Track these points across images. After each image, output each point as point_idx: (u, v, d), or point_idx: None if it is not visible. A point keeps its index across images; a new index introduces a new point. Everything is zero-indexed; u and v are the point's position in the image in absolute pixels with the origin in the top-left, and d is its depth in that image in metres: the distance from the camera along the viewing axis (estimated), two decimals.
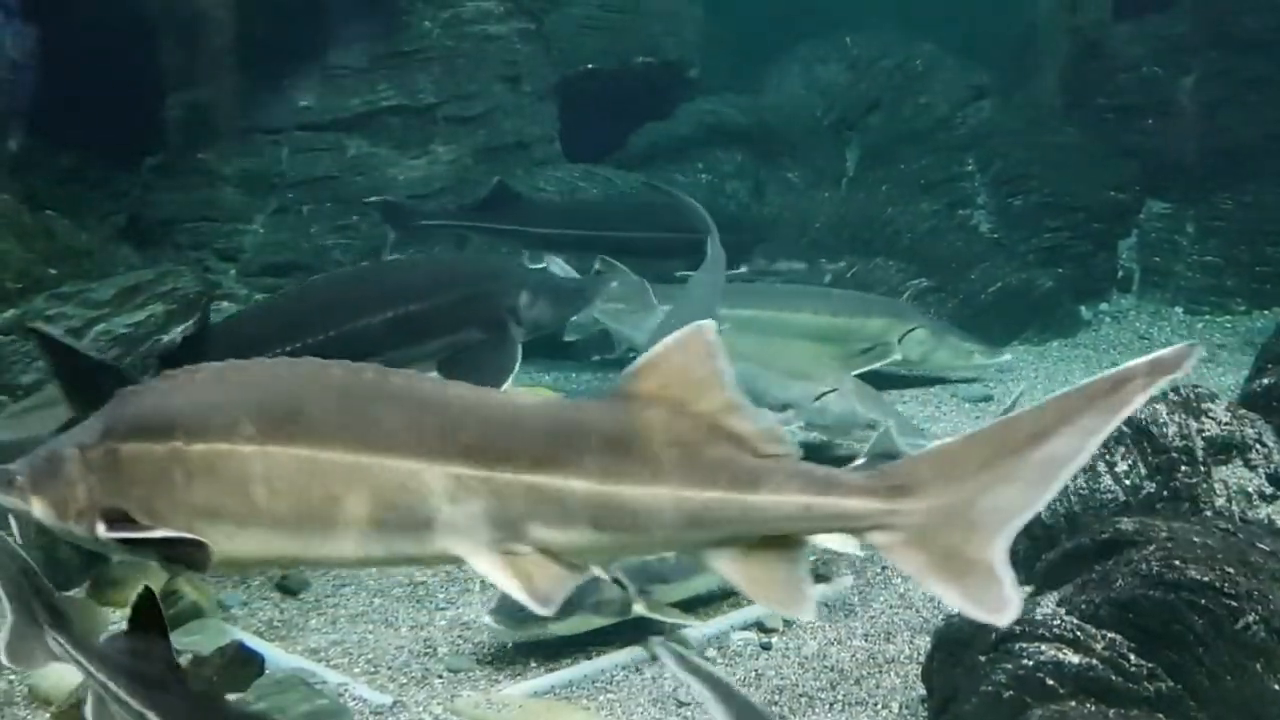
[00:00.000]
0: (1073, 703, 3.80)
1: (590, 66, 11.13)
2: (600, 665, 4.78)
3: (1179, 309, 10.35)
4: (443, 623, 5.23)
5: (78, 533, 3.03)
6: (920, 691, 4.44)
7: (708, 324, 2.83)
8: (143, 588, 3.29)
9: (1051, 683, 3.85)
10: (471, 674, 4.76)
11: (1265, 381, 5.81)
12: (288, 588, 5.58)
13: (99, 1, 9.77)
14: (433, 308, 6.18)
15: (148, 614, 3.26)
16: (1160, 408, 5.36)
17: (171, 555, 2.98)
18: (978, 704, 3.96)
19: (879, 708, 4.47)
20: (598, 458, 2.83)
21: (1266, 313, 10.20)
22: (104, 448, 2.97)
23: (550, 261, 8.31)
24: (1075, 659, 3.87)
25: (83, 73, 9.83)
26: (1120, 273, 10.85)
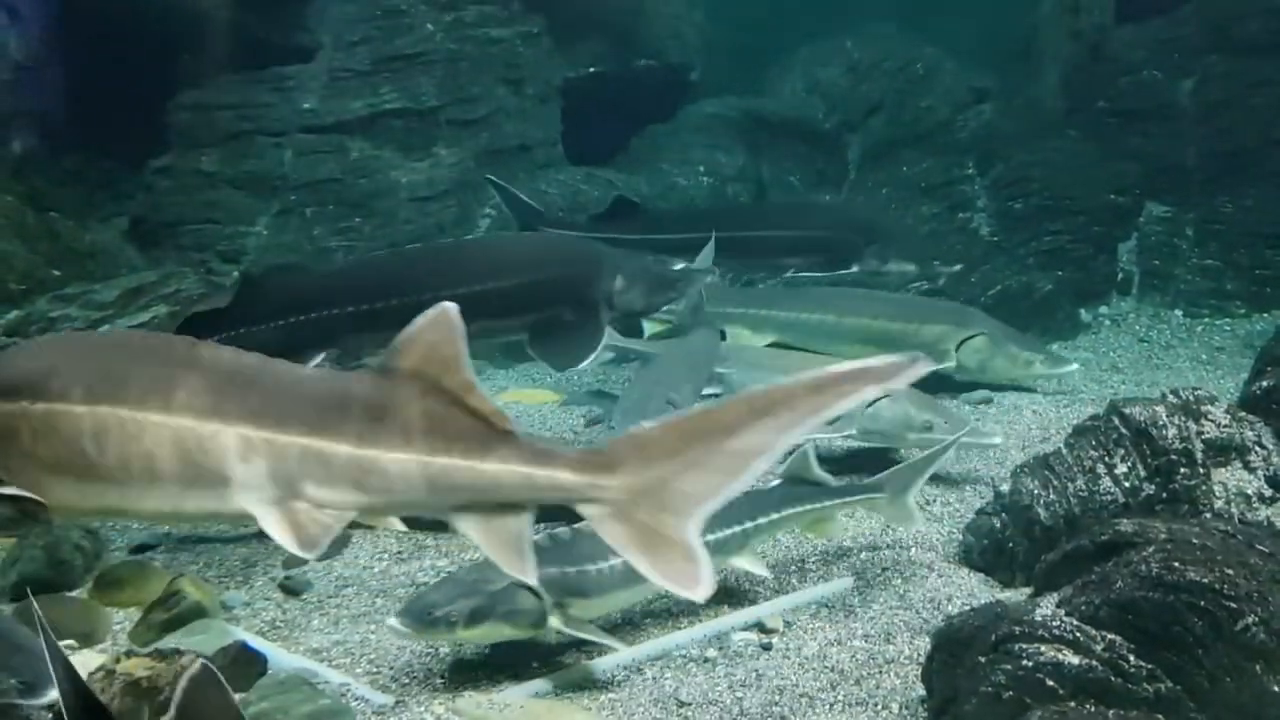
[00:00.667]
0: (1072, 704, 3.81)
1: (593, 69, 11.15)
2: (600, 666, 4.80)
3: (1178, 312, 10.36)
4: None
5: None
6: (920, 692, 4.45)
7: (451, 306, 3.21)
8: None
9: (1051, 684, 3.86)
10: (473, 674, 4.77)
11: (1265, 384, 5.82)
12: (290, 588, 5.60)
13: (102, 4, 9.80)
14: (527, 283, 6.42)
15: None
16: (1160, 410, 5.37)
17: (15, 510, 3.34)
18: (977, 705, 3.97)
19: (879, 708, 4.47)
20: (358, 424, 3.19)
21: (1266, 315, 10.22)
22: None
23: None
24: (1075, 660, 3.88)
25: (87, 75, 9.87)
26: (1120, 275, 10.87)
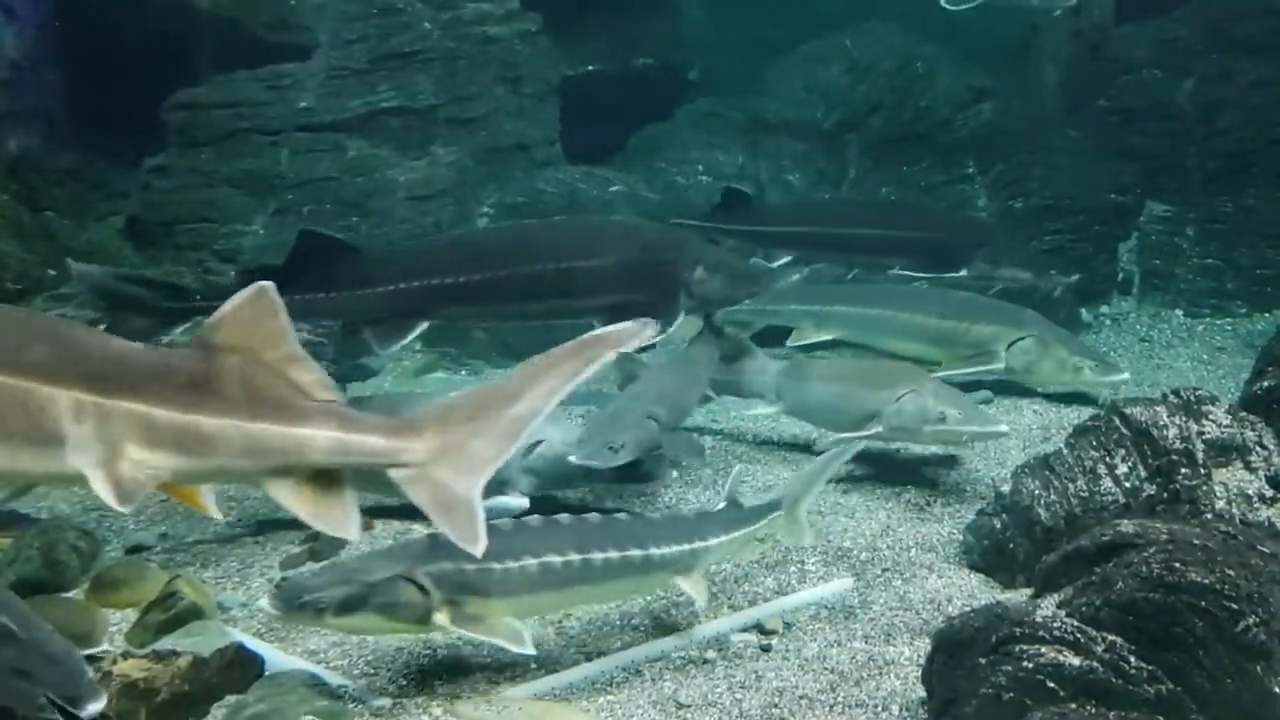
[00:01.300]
0: (1073, 705, 3.80)
1: (591, 68, 11.13)
2: (600, 667, 4.79)
3: (1179, 311, 10.35)
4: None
5: None
6: (920, 693, 4.43)
7: (269, 285, 3.52)
8: None
9: (1052, 685, 3.85)
10: (471, 675, 4.76)
11: (1265, 384, 5.81)
12: None
13: (99, 3, 9.78)
14: (606, 265, 6.63)
15: None
16: (1161, 410, 5.36)
17: None
18: (978, 706, 3.96)
19: (879, 710, 4.46)
20: (181, 392, 3.50)
21: (1267, 315, 10.21)
22: None
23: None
24: (1075, 661, 3.87)
25: (83, 74, 9.85)
26: (1121, 275, 10.86)
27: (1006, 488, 5.72)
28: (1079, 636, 3.91)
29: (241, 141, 9.83)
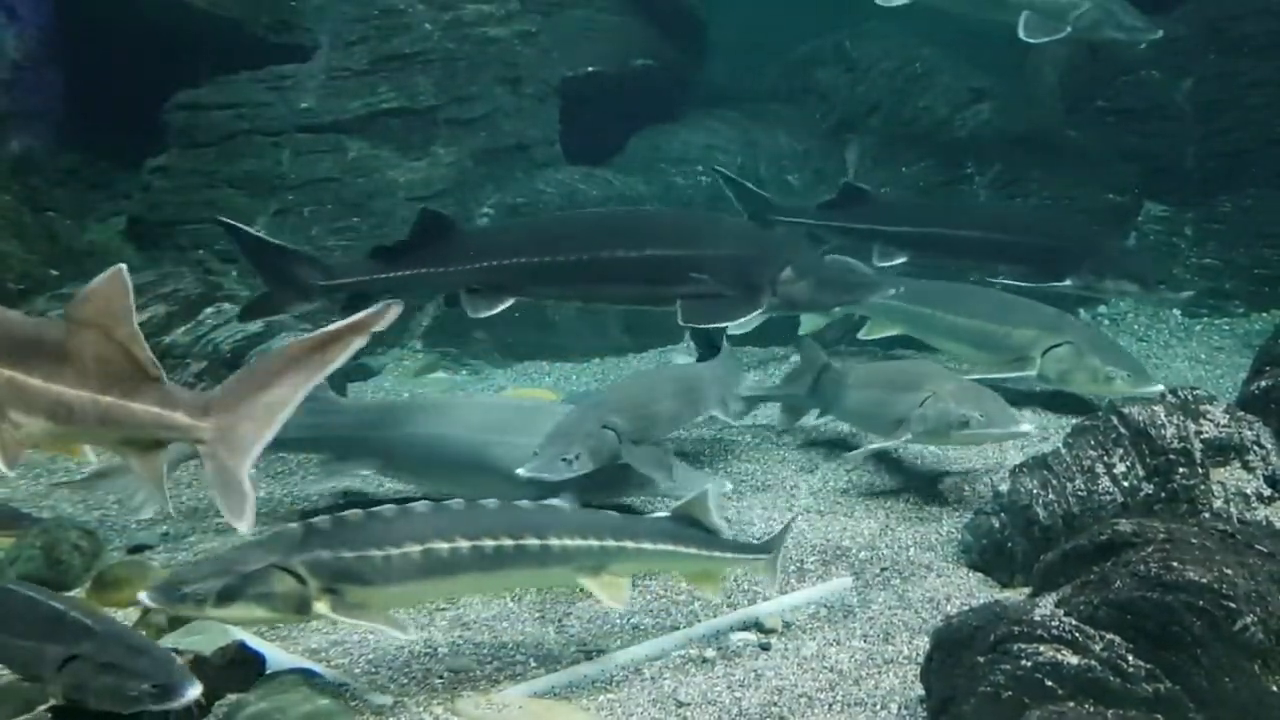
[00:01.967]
0: (1071, 703, 3.81)
1: (591, 69, 11.15)
2: (600, 666, 4.80)
3: (1177, 311, 10.35)
4: (443, 623, 5.24)
5: None
6: (919, 692, 4.44)
7: (122, 267, 3.86)
8: None
9: (1050, 683, 3.86)
10: (472, 674, 4.77)
11: (1263, 384, 5.82)
12: None
13: (100, 3, 9.80)
14: (693, 257, 6.77)
15: None
16: (1159, 409, 5.38)
17: None
18: (976, 704, 3.97)
19: (878, 708, 4.47)
20: (49, 363, 3.78)
21: (1264, 315, 10.22)
22: None
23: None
24: (1074, 660, 3.88)
25: (84, 74, 9.87)
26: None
27: (1005, 487, 5.73)
28: (1077, 635, 3.92)
29: (243, 142, 9.85)
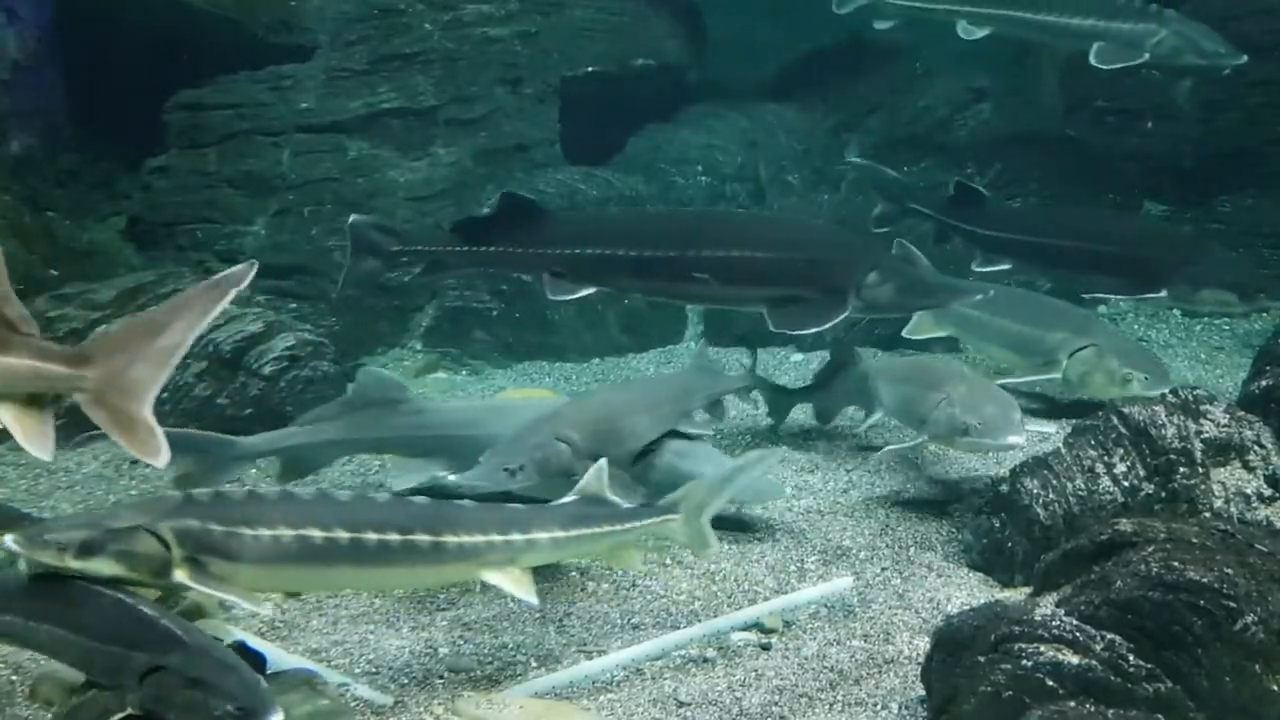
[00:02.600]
0: (1072, 703, 3.81)
1: (590, 69, 11.14)
2: (600, 665, 4.80)
3: (1177, 311, 10.33)
4: (443, 623, 5.24)
5: None
6: (919, 692, 4.45)
7: None
8: None
9: (1051, 683, 3.87)
10: (472, 674, 4.78)
11: (1264, 383, 5.83)
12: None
13: (100, 3, 9.80)
14: (775, 260, 6.80)
15: None
16: (1159, 409, 5.38)
17: None
18: (977, 704, 3.97)
19: (878, 708, 4.48)
20: None
21: (1264, 315, 10.21)
22: None
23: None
24: (1074, 659, 3.88)
25: (84, 74, 9.86)
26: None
27: (1005, 487, 5.73)
28: (1078, 635, 3.93)
29: (243, 142, 9.84)
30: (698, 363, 7.76)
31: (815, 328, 6.76)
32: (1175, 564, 3.95)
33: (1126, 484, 5.30)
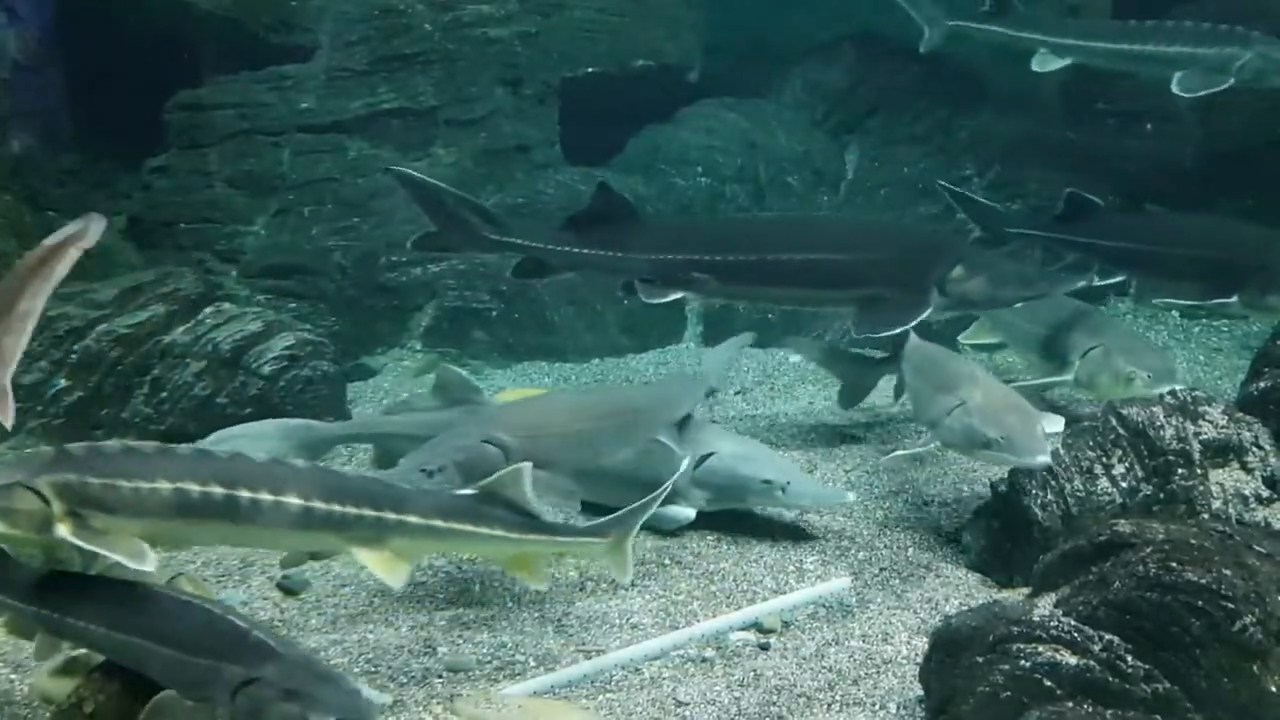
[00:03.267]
0: (1070, 704, 3.82)
1: (590, 70, 11.15)
2: (600, 665, 4.80)
3: (1176, 312, 10.33)
4: (442, 622, 5.25)
5: None
6: (918, 692, 4.45)
7: None
8: None
9: (1049, 684, 3.87)
10: (471, 674, 4.78)
11: (1262, 385, 5.84)
12: (288, 588, 5.61)
13: (100, 3, 9.80)
14: (857, 261, 6.90)
15: None
16: (1157, 410, 5.39)
17: None
18: (975, 705, 3.98)
19: (877, 708, 4.48)
20: None
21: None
22: None
23: None
24: (1073, 660, 3.89)
25: (84, 74, 9.87)
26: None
27: (1004, 488, 5.73)
28: (1076, 636, 3.93)
29: (243, 142, 9.85)
30: (680, 379, 7.56)
31: (898, 327, 6.73)
32: (1173, 565, 3.95)
33: (1125, 485, 5.30)
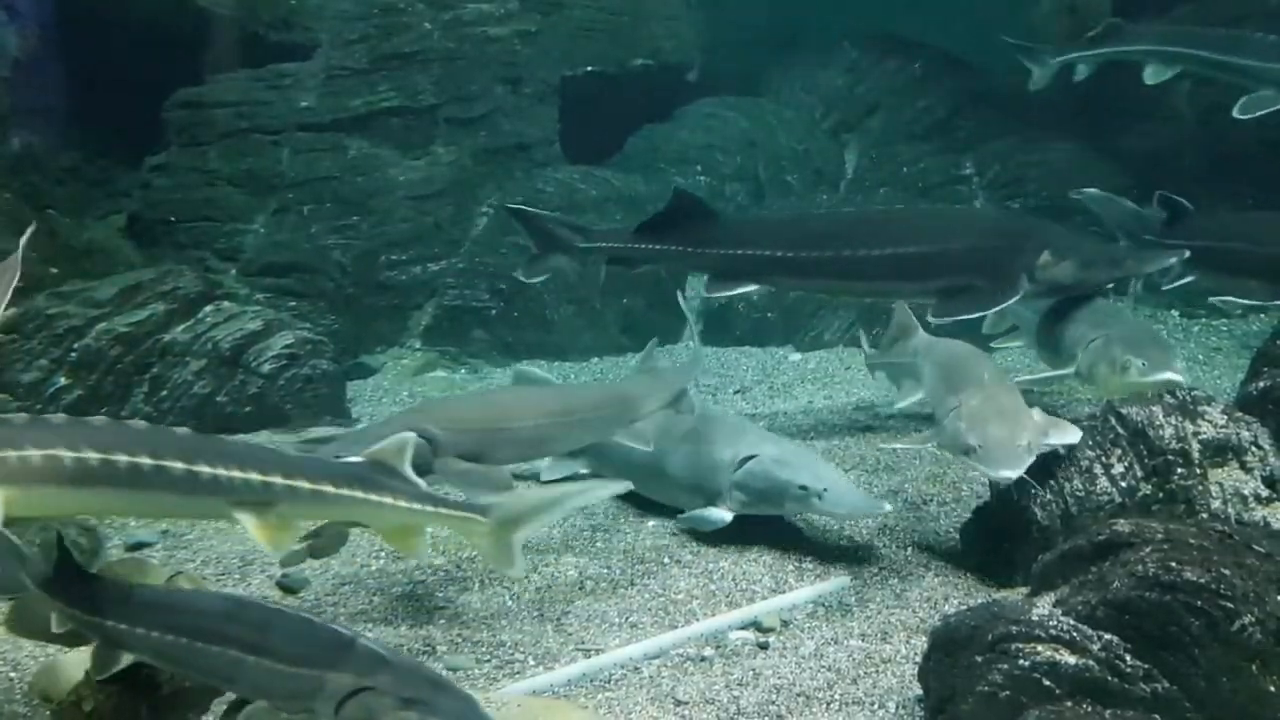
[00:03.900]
0: (1069, 703, 3.82)
1: (590, 68, 11.16)
2: (599, 664, 4.80)
3: (1175, 312, 10.34)
4: (442, 621, 5.25)
5: None
6: (917, 691, 4.45)
7: None
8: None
9: (1048, 683, 3.87)
10: (470, 673, 4.78)
11: (1261, 384, 5.83)
12: (287, 586, 5.61)
13: (101, 2, 9.80)
14: (939, 251, 6.96)
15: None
16: (1157, 410, 5.38)
17: None
18: (974, 704, 3.98)
19: (876, 707, 4.48)
20: None
21: (1262, 316, 10.21)
22: None
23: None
24: (1072, 660, 3.89)
25: (84, 72, 9.87)
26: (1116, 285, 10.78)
27: (1003, 486, 5.73)
28: (1075, 635, 3.93)
29: (242, 140, 9.86)
30: (645, 367, 7.17)
31: (978, 313, 6.82)
32: (1172, 564, 3.95)
33: (1124, 484, 5.30)
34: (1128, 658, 3.88)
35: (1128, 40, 10.00)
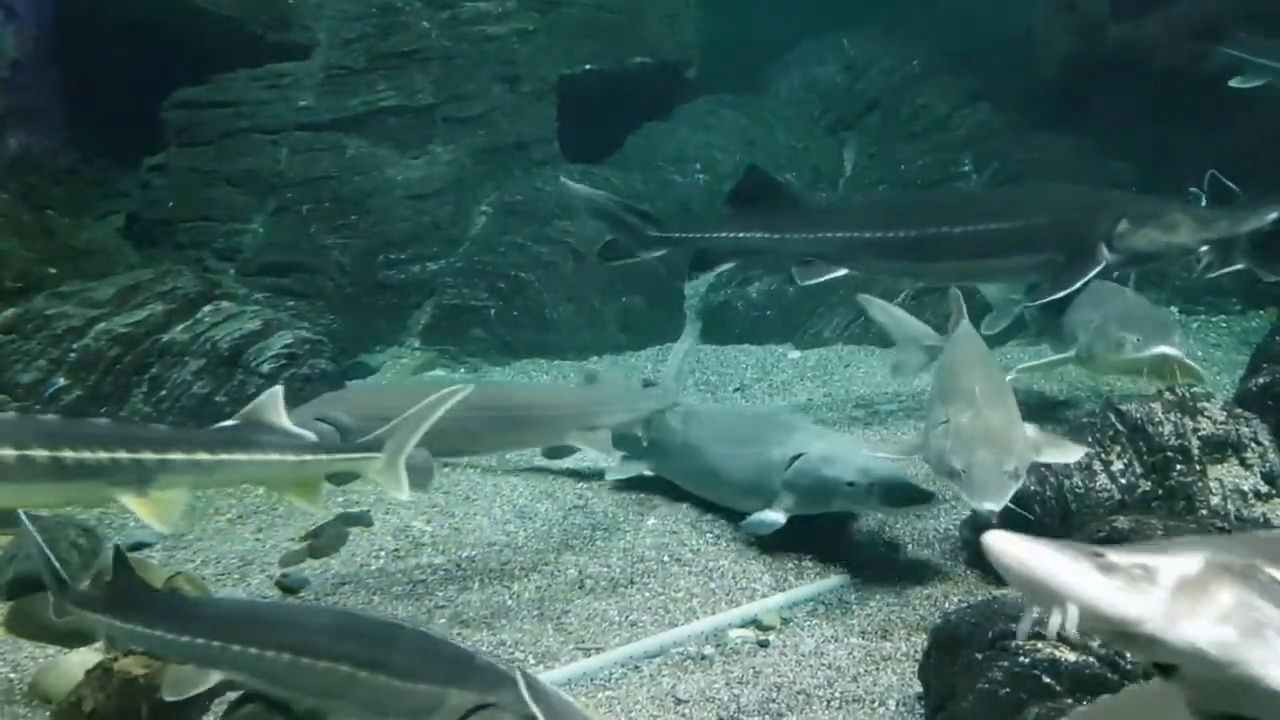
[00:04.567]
0: (1069, 700, 3.82)
1: (588, 67, 11.16)
2: (599, 662, 4.81)
3: (1175, 309, 10.32)
4: (441, 620, 5.25)
5: None
6: (917, 689, 4.45)
7: None
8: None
9: (1048, 680, 3.87)
10: None
11: (1261, 381, 5.83)
12: (287, 586, 5.61)
13: (99, 2, 9.80)
14: (1015, 229, 6.91)
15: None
16: (1156, 407, 5.38)
17: None
18: (974, 701, 3.98)
19: (876, 705, 4.48)
20: None
21: (1262, 312, 10.21)
22: None
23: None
24: (1071, 657, 3.88)
25: (83, 72, 9.86)
26: (1116, 273, 10.79)
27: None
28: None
29: (241, 140, 9.86)
30: (590, 379, 7.21)
31: (1065, 289, 6.72)
32: None
33: (1124, 481, 5.30)
34: (1127, 654, 3.87)
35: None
